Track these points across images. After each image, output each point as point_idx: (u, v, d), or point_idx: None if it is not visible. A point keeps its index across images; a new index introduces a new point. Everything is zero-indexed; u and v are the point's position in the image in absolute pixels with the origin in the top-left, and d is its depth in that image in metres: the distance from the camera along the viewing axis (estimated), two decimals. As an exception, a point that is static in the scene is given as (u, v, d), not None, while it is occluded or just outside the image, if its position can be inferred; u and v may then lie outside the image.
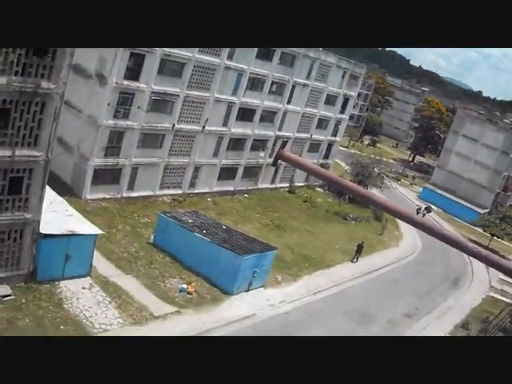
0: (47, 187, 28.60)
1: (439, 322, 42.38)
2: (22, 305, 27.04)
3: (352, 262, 49.26)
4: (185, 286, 34.19)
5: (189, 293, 33.83)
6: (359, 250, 49.92)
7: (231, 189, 56.36)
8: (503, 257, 40.57)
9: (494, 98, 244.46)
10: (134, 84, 41.82)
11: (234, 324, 32.64)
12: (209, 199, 52.57)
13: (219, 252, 35.63)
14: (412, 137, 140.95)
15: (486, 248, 50.74)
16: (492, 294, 52.66)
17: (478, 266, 58.66)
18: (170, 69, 44.33)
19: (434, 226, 5.76)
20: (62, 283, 30.11)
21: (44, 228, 28.43)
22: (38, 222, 27.97)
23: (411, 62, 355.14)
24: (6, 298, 26.92)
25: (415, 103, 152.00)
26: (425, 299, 46.23)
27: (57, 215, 30.87)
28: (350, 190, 6.02)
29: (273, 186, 62.83)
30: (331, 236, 53.94)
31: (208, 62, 46.68)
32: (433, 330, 39.96)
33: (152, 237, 39.62)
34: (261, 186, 60.65)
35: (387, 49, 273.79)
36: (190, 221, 39.00)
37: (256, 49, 50.06)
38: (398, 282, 48.07)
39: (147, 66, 41.96)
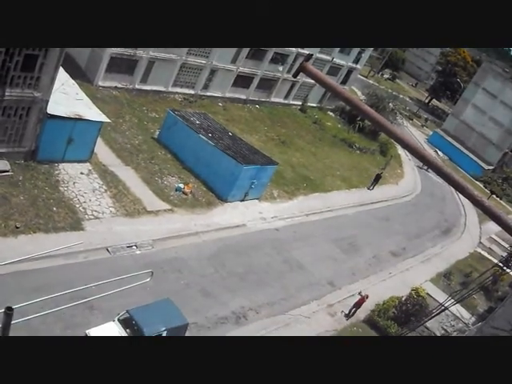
0: (61, 69, 28.08)
1: (423, 267, 42.86)
2: (18, 182, 27.12)
3: (368, 189, 51.75)
4: (181, 185, 34.36)
5: (184, 193, 34.04)
6: (377, 179, 52.22)
7: (244, 97, 55.77)
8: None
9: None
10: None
11: (223, 230, 33.11)
12: (220, 104, 52.11)
13: (221, 158, 35.60)
14: (433, 79, 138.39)
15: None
16: (480, 251, 52.84)
17: (471, 220, 59.02)
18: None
19: (443, 168, 5.68)
20: (61, 166, 30.12)
21: (51, 108, 28.05)
22: (47, 101, 27.59)
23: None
24: (4, 174, 26.92)
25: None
26: (413, 241, 46.57)
27: (66, 97, 30.49)
28: (368, 116, 5.88)
29: (286, 101, 62.16)
30: (334, 161, 53.92)
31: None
32: (415, 273, 40.57)
33: (157, 132, 39.48)
34: (273, 99, 60.03)
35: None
36: (198, 122, 38.74)
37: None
38: (390, 220, 48.40)
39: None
